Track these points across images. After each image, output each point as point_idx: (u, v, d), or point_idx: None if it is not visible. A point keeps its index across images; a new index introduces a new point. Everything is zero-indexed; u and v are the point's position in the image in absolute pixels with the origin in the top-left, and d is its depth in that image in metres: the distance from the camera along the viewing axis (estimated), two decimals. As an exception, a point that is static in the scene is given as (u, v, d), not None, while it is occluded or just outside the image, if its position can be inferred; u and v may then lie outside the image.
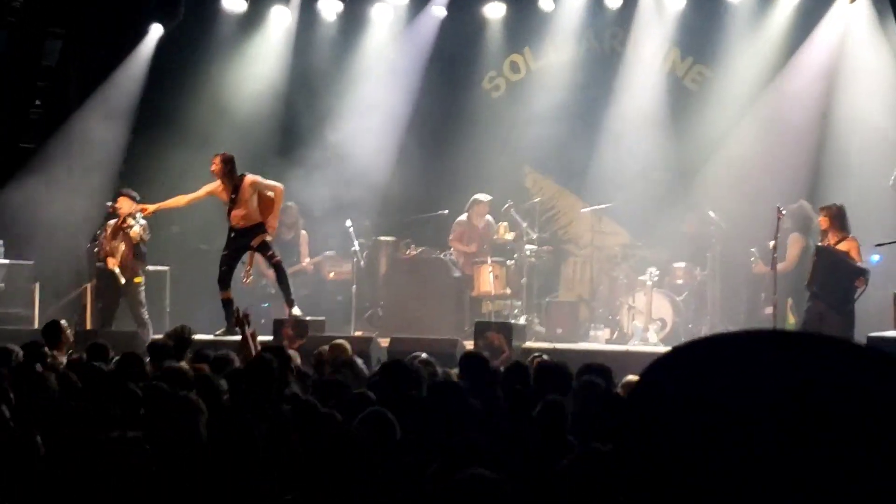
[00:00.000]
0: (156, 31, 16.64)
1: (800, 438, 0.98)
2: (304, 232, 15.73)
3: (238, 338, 9.90)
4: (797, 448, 0.98)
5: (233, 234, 13.50)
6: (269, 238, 13.44)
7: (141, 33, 16.57)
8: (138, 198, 14.15)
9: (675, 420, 1.04)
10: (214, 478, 4.94)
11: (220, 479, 4.94)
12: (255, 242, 13.38)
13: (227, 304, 13.21)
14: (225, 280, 13.37)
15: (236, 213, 13.38)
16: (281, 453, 5.25)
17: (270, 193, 13.42)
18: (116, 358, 9.17)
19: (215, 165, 13.46)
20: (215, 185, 13.55)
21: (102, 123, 16.20)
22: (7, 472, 4.94)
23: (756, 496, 0.97)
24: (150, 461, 4.90)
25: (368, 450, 4.79)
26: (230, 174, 13.40)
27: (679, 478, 1.00)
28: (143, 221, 14.01)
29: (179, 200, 13.98)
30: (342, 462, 4.64)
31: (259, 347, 9.04)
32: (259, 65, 16.86)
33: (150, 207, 13.77)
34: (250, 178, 13.44)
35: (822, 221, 12.70)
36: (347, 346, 9.43)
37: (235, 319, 10.06)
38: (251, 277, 14.13)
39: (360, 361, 8.31)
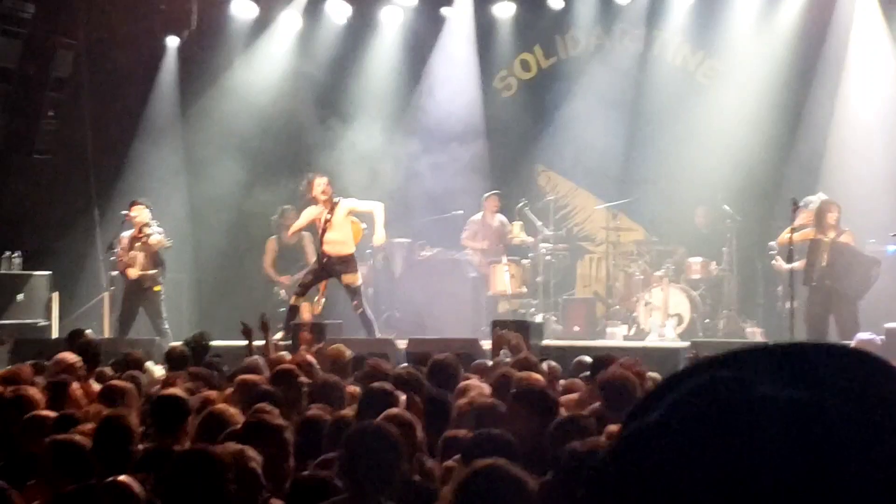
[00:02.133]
0: (172, 42, 16.71)
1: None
2: (307, 233, 15.70)
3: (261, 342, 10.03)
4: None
5: (325, 260, 13.57)
6: (359, 283, 13.49)
7: (154, 43, 16.60)
8: (152, 206, 14.22)
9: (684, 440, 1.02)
10: None
11: None
12: (346, 281, 13.48)
13: (293, 310, 13.30)
14: (304, 290, 13.45)
15: (330, 238, 13.44)
16: None
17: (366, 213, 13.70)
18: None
19: (320, 189, 13.44)
20: (318, 210, 13.56)
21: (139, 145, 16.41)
22: None
23: None
24: None
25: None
26: (332, 198, 13.46)
27: None
28: (160, 229, 14.07)
29: (290, 238, 14.16)
30: None
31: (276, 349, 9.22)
32: (269, 68, 16.89)
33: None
34: (346, 203, 13.56)
35: (833, 217, 12.70)
36: (346, 349, 9.45)
37: (261, 324, 10.13)
38: (320, 308, 14.17)
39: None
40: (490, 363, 9.26)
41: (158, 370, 9.50)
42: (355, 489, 4.57)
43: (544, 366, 8.32)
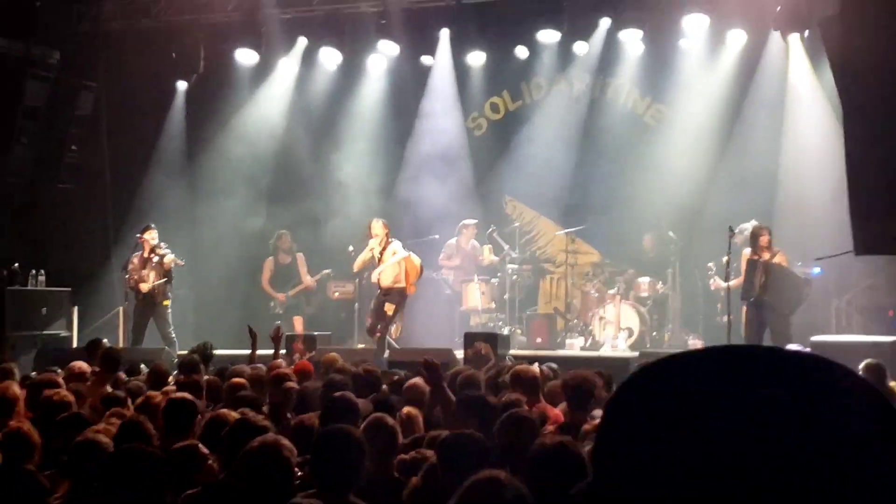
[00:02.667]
0: (181, 84, 16.72)
1: (762, 447, 0.96)
2: (300, 254, 15.68)
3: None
4: (759, 455, 0.96)
5: (378, 291, 13.73)
6: (391, 314, 13.57)
7: (165, 86, 16.60)
8: (159, 230, 14.26)
9: (648, 434, 1.02)
10: None
11: None
12: (387, 309, 13.51)
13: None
14: (371, 330, 13.60)
15: (384, 274, 13.58)
16: None
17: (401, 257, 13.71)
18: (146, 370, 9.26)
19: (381, 230, 13.65)
20: (378, 245, 13.67)
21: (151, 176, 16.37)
22: None
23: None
24: None
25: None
26: (386, 237, 13.64)
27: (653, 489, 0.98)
28: (168, 249, 14.07)
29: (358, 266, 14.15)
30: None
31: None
32: (268, 108, 16.89)
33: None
34: (394, 244, 13.68)
35: (765, 240, 12.75)
36: (338, 357, 9.54)
37: (274, 335, 10.18)
38: (398, 333, 14.31)
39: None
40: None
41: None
42: (322, 486, 4.48)
43: (537, 367, 8.29)
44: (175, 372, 9.71)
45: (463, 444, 4.66)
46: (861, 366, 8.66)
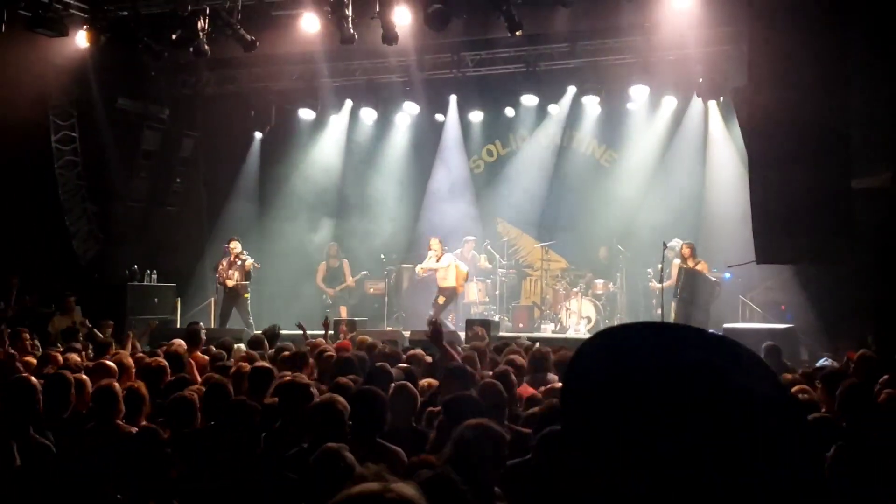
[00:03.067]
0: (258, 134, 16.74)
1: (679, 406, 0.95)
2: (345, 260, 15.65)
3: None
4: (679, 413, 0.95)
5: (437, 289, 14.10)
6: (441, 303, 13.82)
7: (246, 134, 16.64)
8: (241, 241, 14.28)
9: (599, 389, 1.02)
10: None
11: None
12: (440, 301, 13.95)
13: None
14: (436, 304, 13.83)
15: (438, 276, 13.97)
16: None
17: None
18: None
19: (437, 245, 14.06)
20: (432, 255, 14.10)
21: (235, 201, 16.44)
22: None
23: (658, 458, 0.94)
24: None
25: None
26: (440, 250, 14.05)
27: (608, 438, 0.96)
28: (248, 256, 14.09)
29: (422, 271, 14.37)
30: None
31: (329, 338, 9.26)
32: (322, 151, 16.91)
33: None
34: (449, 255, 14.04)
35: (687, 252, 12.75)
36: (368, 338, 9.43)
37: (324, 322, 10.14)
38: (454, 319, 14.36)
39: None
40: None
41: (243, 348, 9.42)
42: (356, 432, 4.38)
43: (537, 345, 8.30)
44: (243, 346, 9.68)
45: (460, 401, 4.63)
46: (763, 346, 8.61)
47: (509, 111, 16.25)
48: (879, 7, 10.96)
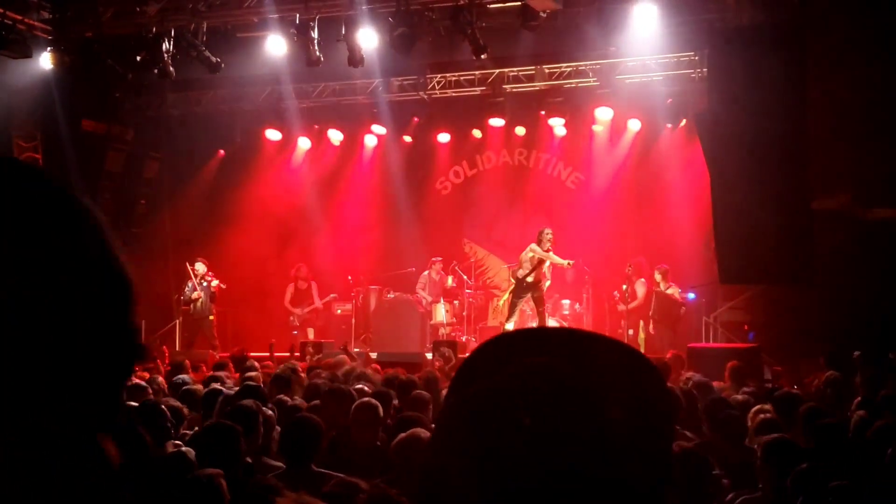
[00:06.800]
0: (222, 157, 16.70)
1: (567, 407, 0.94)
2: (314, 282, 15.61)
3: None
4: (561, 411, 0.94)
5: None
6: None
7: (210, 155, 16.60)
8: (206, 263, 14.18)
9: (457, 398, 1.03)
10: None
11: None
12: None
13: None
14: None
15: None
16: None
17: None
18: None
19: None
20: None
21: (200, 223, 16.32)
22: None
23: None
24: None
25: None
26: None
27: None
28: (213, 277, 14.03)
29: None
30: None
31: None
32: (287, 173, 16.89)
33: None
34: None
35: (659, 274, 12.92)
36: (346, 358, 9.44)
37: (292, 346, 10.11)
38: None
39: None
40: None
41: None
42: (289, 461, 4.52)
43: None
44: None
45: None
46: (728, 365, 8.71)
47: (477, 133, 16.35)
48: (836, 30, 11.26)
